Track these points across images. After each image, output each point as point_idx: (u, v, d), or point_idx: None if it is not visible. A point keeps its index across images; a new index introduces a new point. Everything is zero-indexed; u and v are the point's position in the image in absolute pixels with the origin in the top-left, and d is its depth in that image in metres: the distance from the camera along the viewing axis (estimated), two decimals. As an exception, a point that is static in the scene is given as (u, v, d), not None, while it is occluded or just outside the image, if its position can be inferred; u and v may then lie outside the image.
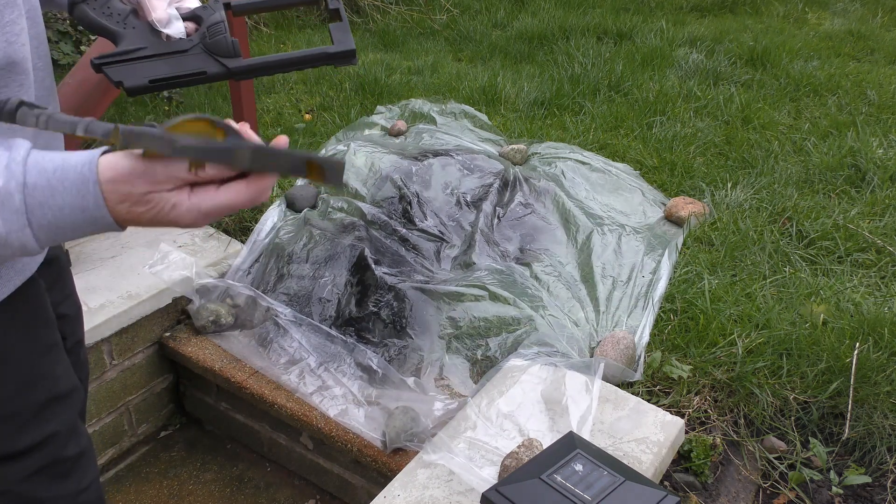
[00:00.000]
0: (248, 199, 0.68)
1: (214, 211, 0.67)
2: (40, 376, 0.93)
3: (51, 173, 0.64)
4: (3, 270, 0.85)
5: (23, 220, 0.63)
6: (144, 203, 0.65)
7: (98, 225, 0.66)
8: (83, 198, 0.64)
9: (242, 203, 0.68)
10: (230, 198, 0.67)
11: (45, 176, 0.64)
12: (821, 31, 4.63)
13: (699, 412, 1.75)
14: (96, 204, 0.65)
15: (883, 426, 1.68)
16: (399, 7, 4.91)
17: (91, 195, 0.64)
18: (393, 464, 1.68)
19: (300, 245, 2.24)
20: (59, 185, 0.64)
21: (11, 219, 0.63)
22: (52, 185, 0.64)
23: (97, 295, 2.03)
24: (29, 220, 0.64)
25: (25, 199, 0.63)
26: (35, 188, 0.63)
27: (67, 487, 0.98)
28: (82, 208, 0.65)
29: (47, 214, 0.64)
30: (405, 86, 3.60)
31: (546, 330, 1.92)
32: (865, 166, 2.75)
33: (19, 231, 0.63)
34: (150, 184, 0.65)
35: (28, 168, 0.64)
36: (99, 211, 0.65)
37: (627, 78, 3.62)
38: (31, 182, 0.64)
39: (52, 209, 0.64)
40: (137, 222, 0.67)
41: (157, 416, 2.20)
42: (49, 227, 0.65)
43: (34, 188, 0.63)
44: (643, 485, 1.29)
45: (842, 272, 2.19)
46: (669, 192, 2.70)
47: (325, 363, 1.94)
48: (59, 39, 3.68)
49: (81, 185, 0.64)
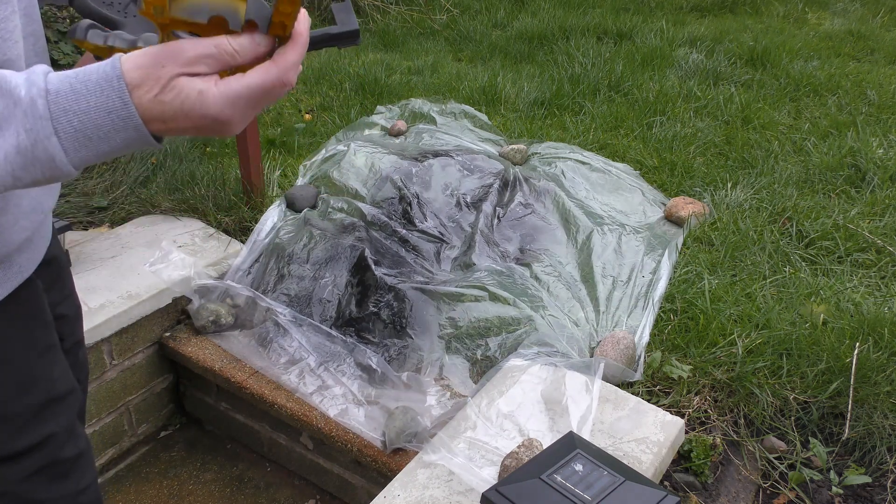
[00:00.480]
0: (276, 76, 0.65)
1: (244, 94, 0.64)
2: (38, 378, 0.93)
3: (73, 77, 0.62)
4: (0, 271, 0.85)
5: (49, 128, 0.60)
6: (171, 89, 0.62)
7: (127, 127, 0.62)
8: (108, 97, 0.61)
9: (272, 82, 0.64)
10: (257, 77, 0.64)
11: (68, 80, 0.62)
12: (821, 31, 4.63)
13: (699, 412, 1.75)
14: (122, 101, 0.61)
15: (883, 426, 1.68)
16: (399, 7, 4.91)
17: (116, 92, 0.61)
18: (393, 464, 1.68)
19: (300, 245, 2.24)
20: (83, 87, 0.61)
21: (36, 126, 0.60)
22: (76, 88, 0.61)
23: (97, 295, 2.03)
24: (55, 128, 0.61)
25: (49, 106, 0.60)
26: (58, 94, 0.61)
27: (67, 488, 0.98)
28: (108, 109, 0.61)
29: (73, 120, 0.61)
30: (405, 86, 3.60)
31: (546, 330, 1.92)
32: (865, 166, 2.75)
33: (46, 139, 0.61)
34: (179, 65, 0.62)
35: (49, 77, 0.62)
36: (126, 109, 0.62)
37: (627, 78, 3.62)
38: (54, 89, 0.61)
39: (78, 114, 0.61)
40: (164, 116, 0.63)
41: (157, 416, 2.20)
42: (76, 134, 0.61)
43: (57, 94, 0.61)
44: (643, 485, 1.29)
45: (842, 272, 2.19)
46: (669, 192, 2.70)
47: (324, 363, 1.94)
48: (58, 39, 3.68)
49: (105, 84, 0.61)
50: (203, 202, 2.47)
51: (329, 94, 3.55)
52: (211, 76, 0.63)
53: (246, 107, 0.65)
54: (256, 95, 0.64)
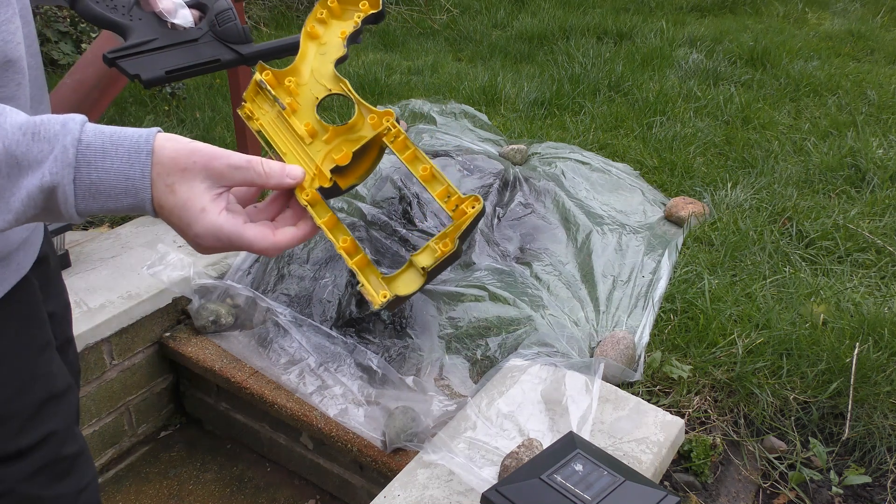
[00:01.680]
0: (266, 246, 0.70)
1: (232, 237, 0.69)
2: (38, 375, 0.93)
3: (107, 136, 0.66)
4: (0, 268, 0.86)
5: (71, 175, 0.65)
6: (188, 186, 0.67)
7: (136, 198, 0.67)
8: (131, 166, 0.66)
9: (258, 246, 0.70)
10: (252, 235, 0.70)
11: (101, 138, 0.66)
12: (821, 31, 4.63)
13: (699, 412, 1.75)
14: (142, 174, 0.66)
15: (883, 426, 1.68)
16: (399, 7, 4.91)
17: (139, 165, 0.66)
18: (393, 464, 1.68)
19: (300, 245, 2.24)
20: (113, 149, 0.66)
21: (63, 171, 0.64)
22: (106, 148, 0.66)
23: (97, 295, 2.03)
24: (75, 177, 0.65)
25: (77, 156, 0.65)
26: (88, 147, 0.65)
27: (69, 486, 0.98)
28: (127, 176, 0.66)
29: (92, 174, 0.65)
30: (405, 86, 3.60)
31: (546, 330, 1.92)
32: (865, 166, 2.75)
33: (68, 185, 0.65)
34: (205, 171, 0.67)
35: (86, 128, 0.66)
36: (143, 181, 0.66)
37: (627, 78, 3.62)
38: (87, 141, 0.65)
39: (99, 170, 0.65)
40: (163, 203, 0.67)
41: (157, 416, 2.20)
42: (91, 187, 0.66)
43: (88, 147, 0.65)
44: (643, 485, 1.28)
45: (842, 272, 2.19)
46: (669, 192, 2.70)
47: (324, 363, 1.94)
48: (59, 39, 3.68)
49: (134, 154, 0.66)
50: (203, 202, 2.47)
51: (329, 94, 3.54)
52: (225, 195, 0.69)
53: (225, 245, 0.70)
54: (239, 244, 0.70)
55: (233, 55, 0.85)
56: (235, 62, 0.86)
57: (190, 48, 0.84)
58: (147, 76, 0.82)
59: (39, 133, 0.65)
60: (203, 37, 0.85)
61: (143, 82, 0.82)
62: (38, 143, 0.64)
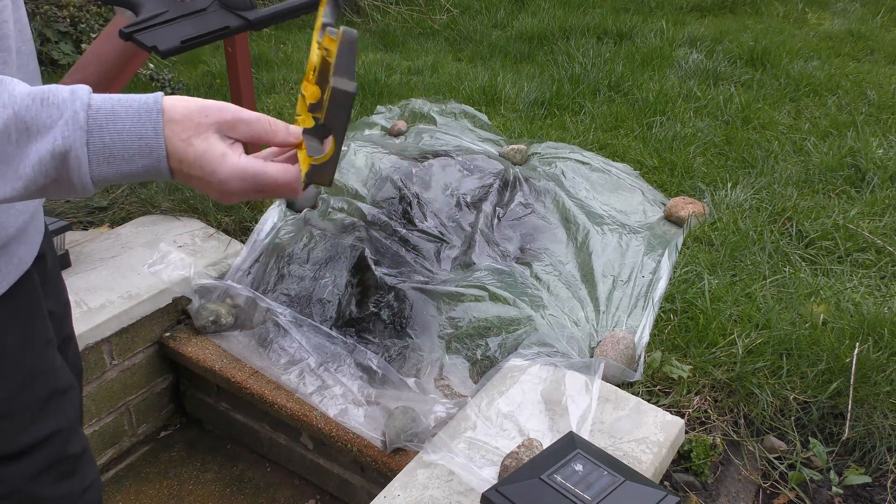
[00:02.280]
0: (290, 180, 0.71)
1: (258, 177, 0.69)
2: (41, 371, 0.93)
3: (115, 101, 0.67)
4: (1, 264, 0.86)
5: (83, 138, 0.65)
6: (203, 138, 0.68)
7: (151, 157, 0.67)
8: (143, 125, 0.66)
9: (284, 182, 0.70)
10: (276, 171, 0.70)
11: (110, 102, 0.66)
12: (821, 31, 4.63)
13: (699, 412, 1.75)
14: (155, 131, 0.66)
15: (883, 426, 1.68)
16: (399, 7, 4.91)
17: (151, 122, 0.66)
18: (393, 464, 1.68)
19: (300, 245, 2.24)
20: (123, 110, 0.66)
21: (74, 135, 0.64)
22: (116, 110, 0.66)
23: (97, 295, 2.03)
24: (88, 140, 0.65)
25: (88, 119, 0.65)
26: (99, 111, 0.65)
27: (73, 485, 0.98)
28: (140, 135, 0.66)
29: (105, 137, 0.65)
30: (405, 86, 3.60)
31: (546, 330, 1.92)
32: (865, 166, 2.75)
33: (79, 148, 0.65)
34: (219, 121, 0.68)
35: (93, 95, 0.66)
36: (156, 139, 0.66)
37: (627, 78, 3.62)
38: (96, 105, 0.66)
39: (111, 133, 0.65)
40: (184, 158, 0.68)
41: (157, 416, 2.20)
42: (104, 150, 0.66)
43: (98, 111, 0.65)
44: (643, 485, 1.29)
45: (842, 272, 2.19)
46: (669, 191, 2.70)
47: (324, 363, 1.94)
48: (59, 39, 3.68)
49: (145, 114, 0.66)
50: (203, 202, 2.47)
51: (329, 94, 3.54)
52: (238, 145, 0.70)
53: (251, 188, 0.70)
54: (266, 184, 0.70)
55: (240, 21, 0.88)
56: (243, 27, 0.89)
57: (200, 18, 0.88)
58: (164, 47, 0.85)
59: (48, 99, 0.64)
60: (210, 6, 0.89)
61: (160, 53, 0.85)
62: (48, 109, 0.64)
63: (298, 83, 3.67)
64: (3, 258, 0.86)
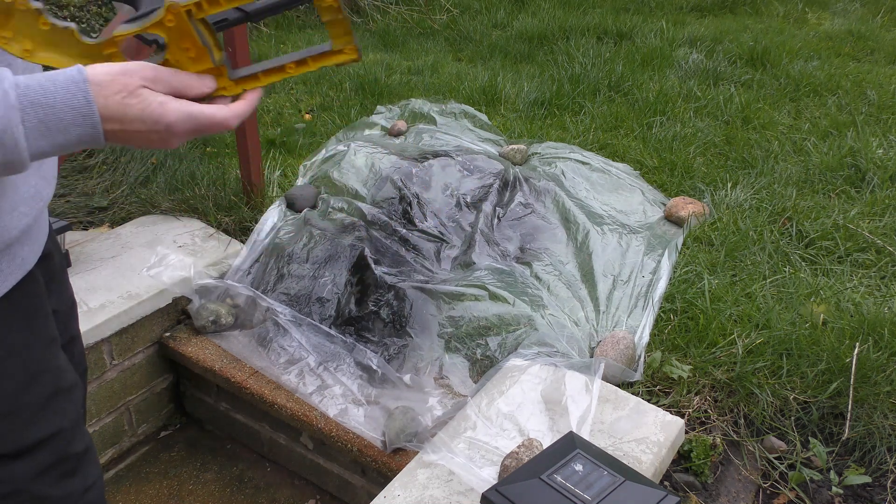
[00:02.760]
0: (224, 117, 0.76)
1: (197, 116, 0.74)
2: (45, 369, 0.93)
3: (42, 77, 0.69)
4: (3, 265, 0.86)
5: (18, 116, 0.67)
6: (136, 96, 0.71)
7: (85, 124, 0.70)
8: (73, 96, 0.69)
9: (219, 119, 0.75)
10: (211, 110, 0.75)
11: (37, 79, 0.69)
12: (821, 31, 4.63)
13: (699, 412, 1.75)
14: (86, 99, 0.69)
15: (883, 426, 1.68)
16: (399, 7, 4.91)
17: (81, 91, 0.69)
18: (393, 464, 1.68)
19: (300, 245, 2.24)
20: (51, 84, 0.69)
21: (7, 115, 0.66)
22: (44, 85, 0.69)
23: (97, 295, 2.03)
24: (22, 118, 0.67)
25: (19, 98, 0.67)
26: (28, 88, 0.68)
27: (76, 485, 0.98)
28: (72, 105, 0.69)
29: (38, 112, 0.68)
30: (405, 86, 3.60)
31: (546, 330, 1.92)
32: (865, 166, 2.75)
33: (14, 127, 0.67)
34: (143, 79, 0.72)
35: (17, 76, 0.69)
36: (88, 107, 0.69)
37: (627, 78, 3.62)
38: (24, 83, 0.68)
39: (44, 107, 0.68)
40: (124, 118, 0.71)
41: (157, 416, 2.20)
42: (39, 125, 0.68)
43: (27, 88, 0.68)
44: (643, 485, 1.29)
45: (842, 272, 2.19)
46: (669, 191, 2.70)
47: (324, 363, 1.94)
48: (59, 39, 3.68)
49: (72, 84, 0.69)
50: (203, 202, 2.47)
51: (329, 94, 3.55)
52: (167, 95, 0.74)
53: (193, 128, 0.75)
54: (203, 123, 0.75)
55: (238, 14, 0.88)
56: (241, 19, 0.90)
57: None
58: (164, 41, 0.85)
59: None
60: None
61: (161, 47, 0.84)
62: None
63: (298, 83, 3.67)
64: (6, 259, 0.86)
